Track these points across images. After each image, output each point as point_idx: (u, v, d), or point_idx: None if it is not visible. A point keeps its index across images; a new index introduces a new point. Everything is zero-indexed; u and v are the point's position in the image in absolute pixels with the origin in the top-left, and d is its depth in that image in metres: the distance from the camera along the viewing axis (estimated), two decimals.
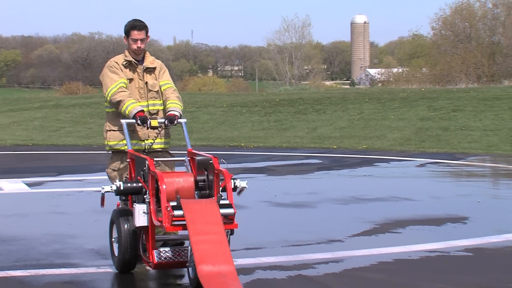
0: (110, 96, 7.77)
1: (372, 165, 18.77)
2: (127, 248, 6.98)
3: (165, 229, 6.51)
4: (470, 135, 24.52)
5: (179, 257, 6.71)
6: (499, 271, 7.93)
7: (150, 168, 6.76)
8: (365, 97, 32.95)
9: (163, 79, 8.12)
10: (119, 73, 7.88)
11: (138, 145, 7.83)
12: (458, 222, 10.83)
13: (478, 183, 15.97)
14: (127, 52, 8.03)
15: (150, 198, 6.72)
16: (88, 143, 26.00)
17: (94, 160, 20.27)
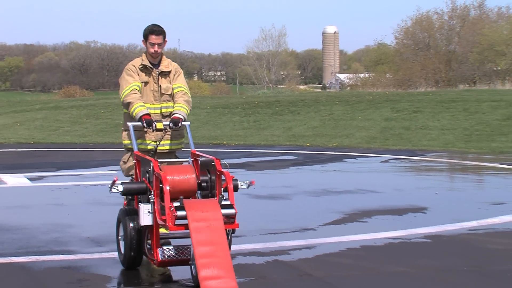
0: (123, 97, 7.63)
1: (342, 161, 18.81)
2: (133, 245, 6.76)
3: (169, 228, 6.27)
4: (429, 134, 24.61)
5: (182, 255, 6.46)
6: (455, 255, 7.97)
7: (154, 169, 6.53)
8: (335, 100, 32.99)
9: (177, 82, 7.86)
10: (134, 76, 7.67)
11: (151, 145, 7.67)
12: (418, 212, 10.88)
13: (436, 177, 16.05)
14: (144, 55, 7.81)
15: (154, 198, 6.50)
16: (84, 141, 25.93)
17: (90, 157, 20.24)
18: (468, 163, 18.23)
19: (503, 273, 7.23)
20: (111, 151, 21.97)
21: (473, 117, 26.62)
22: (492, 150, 20.87)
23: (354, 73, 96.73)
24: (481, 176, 16.14)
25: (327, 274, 7.06)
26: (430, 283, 6.91)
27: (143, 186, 6.79)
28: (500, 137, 23.18)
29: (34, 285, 6.82)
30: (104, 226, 9.65)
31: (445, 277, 7.10)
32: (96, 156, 20.58)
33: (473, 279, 7.05)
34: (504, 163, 17.69)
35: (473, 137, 23.49)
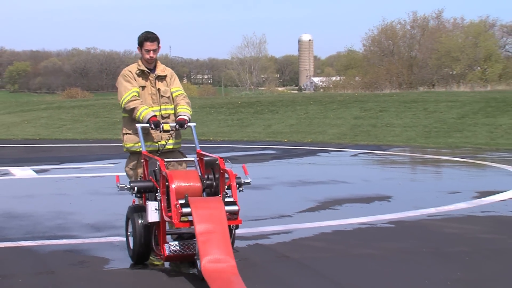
0: (124, 104, 7.17)
1: (316, 155, 18.84)
2: (141, 241, 6.43)
3: (174, 225, 6.02)
4: (393, 131, 24.69)
5: (188, 250, 6.17)
6: (415, 238, 8.01)
7: (161, 168, 6.27)
8: (310, 100, 33.03)
9: (174, 86, 7.43)
10: (132, 82, 7.22)
11: (153, 146, 7.21)
12: (383, 200, 10.91)
13: (399, 169, 16.10)
14: (140, 61, 7.34)
15: (161, 196, 6.23)
16: (85, 137, 25.87)
17: (90, 151, 20.18)
18: (428, 157, 18.31)
19: (457, 254, 7.27)
20: (109, 146, 21.94)
21: (432, 115, 26.72)
22: (448, 145, 20.98)
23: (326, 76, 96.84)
24: (439, 168, 16.21)
25: (302, 256, 7.07)
26: (393, 263, 6.94)
27: (150, 184, 6.52)
28: (455, 134, 23.30)
29: (39, 267, 6.79)
30: (102, 214, 9.65)
31: (406, 258, 7.13)
32: (95, 151, 20.53)
33: (431, 259, 7.09)
34: (459, 156, 17.78)
35: (432, 134, 23.60)
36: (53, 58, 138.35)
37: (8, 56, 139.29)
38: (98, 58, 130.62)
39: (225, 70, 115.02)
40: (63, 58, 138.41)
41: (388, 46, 67.80)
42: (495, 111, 26.05)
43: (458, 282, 6.26)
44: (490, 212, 9.68)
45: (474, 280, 6.36)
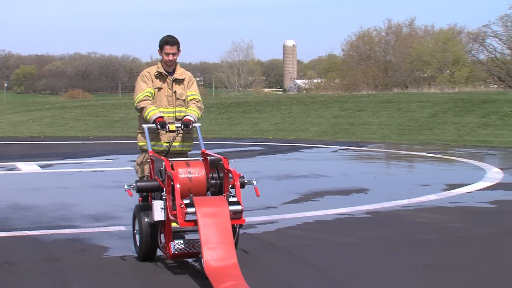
0: (136, 103, 6.97)
1: (299, 151, 18.86)
2: (148, 239, 6.13)
3: (179, 224, 5.69)
4: (370, 129, 24.75)
5: (193, 248, 5.90)
6: (390, 228, 8.04)
7: (166, 168, 5.96)
8: (293, 101, 33.05)
9: (191, 90, 7.15)
10: (148, 83, 6.98)
11: (162, 147, 6.97)
12: (361, 193, 10.94)
13: (376, 164, 16.15)
14: (159, 64, 7.09)
15: (166, 196, 5.95)
16: (86, 135, 25.79)
17: (90, 148, 20.12)
18: (401, 152, 18.37)
19: (428, 241, 7.31)
20: (108, 143, 21.88)
21: (405, 115, 26.80)
22: (420, 142, 21.05)
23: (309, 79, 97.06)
24: (412, 163, 16.27)
25: (287, 244, 7.08)
26: (370, 250, 6.96)
27: (156, 184, 6.21)
28: (426, 131, 23.38)
29: (44, 254, 6.78)
30: (102, 205, 9.63)
31: (382, 245, 7.16)
32: (95, 147, 20.47)
33: (404, 246, 7.12)
34: (430, 152, 17.85)
35: (405, 131, 23.66)
36: (56, 62, 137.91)
37: (15, 60, 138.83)
38: (98, 62, 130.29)
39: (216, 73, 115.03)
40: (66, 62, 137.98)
41: (365, 51, 67.97)
42: (462, 110, 26.15)
43: (429, 267, 6.29)
44: (458, 203, 9.72)
45: (443, 265, 6.39)
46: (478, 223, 8.35)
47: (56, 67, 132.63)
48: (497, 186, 11.36)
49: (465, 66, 61.43)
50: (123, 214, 8.94)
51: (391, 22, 68.90)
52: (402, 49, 63.77)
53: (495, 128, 22.78)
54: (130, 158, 16.64)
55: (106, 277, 5.96)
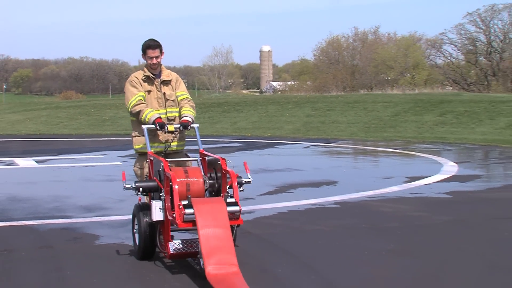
0: (130, 108, 6.51)
1: (274, 147, 18.87)
2: (146, 238, 5.75)
3: (178, 225, 5.32)
4: (339, 126, 24.83)
5: (191, 248, 5.52)
6: (356, 216, 8.07)
7: (164, 169, 5.59)
8: (269, 101, 33.06)
9: (180, 90, 6.74)
10: (138, 87, 6.54)
11: (160, 147, 6.55)
12: (330, 185, 10.97)
13: (344, 158, 16.21)
14: (145, 68, 6.67)
15: (165, 196, 5.57)
16: (79, 133, 25.60)
17: (83, 145, 19.97)
18: (367, 148, 18.45)
19: (391, 228, 7.34)
20: (99, 140, 21.75)
21: (371, 114, 26.92)
22: (384, 138, 21.15)
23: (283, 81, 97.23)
24: (376, 157, 16.34)
25: (263, 232, 7.09)
26: (338, 237, 6.98)
27: (154, 184, 5.79)
28: (390, 129, 23.50)
29: (40, 242, 6.73)
30: (93, 197, 9.57)
31: (349, 232, 7.18)
32: (87, 144, 20.33)
33: (370, 233, 7.15)
34: (393, 148, 17.94)
35: (371, 129, 23.77)
36: (51, 66, 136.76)
37: (13, 64, 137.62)
38: (90, 66, 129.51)
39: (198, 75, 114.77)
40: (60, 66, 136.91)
41: (334, 55, 68.27)
42: (422, 110, 26.32)
43: (391, 252, 6.33)
44: (418, 194, 9.78)
45: (404, 249, 6.43)
46: (436, 211, 8.41)
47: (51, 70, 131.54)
48: (452, 179, 11.45)
49: (424, 70, 61.99)
50: (113, 205, 8.91)
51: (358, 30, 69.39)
52: (367, 54, 64.11)
53: (451, 126, 22.96)
54: (120, 154, 16.56)
55: (97, 263, 5.93)
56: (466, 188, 10.42)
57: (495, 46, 59.56)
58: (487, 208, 8.72)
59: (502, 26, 59.42)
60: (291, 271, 5.67)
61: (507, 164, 14.36)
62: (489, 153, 16.68)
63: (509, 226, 7.55)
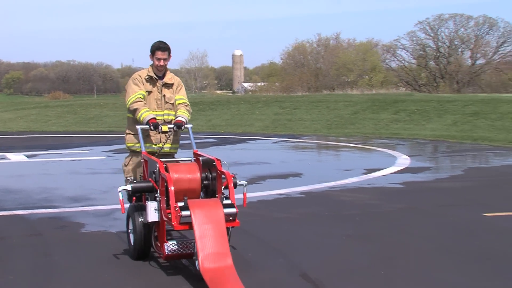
0: (129, 104, 6.08)
1: (245, 142, 18.85)
2: (141, 239, 5.30)
3: (174, 227, 4.92)
4: (304, 124, 24.88)
5: (187, 249, 5.09)
6: (320, 205, 8.10)
7: (160, 170, 5.15)
8: (241, 101, 33.00)
9: (179, 95, 6.32)
10: (140, 85, 6.12)
11: (151, 148, 6.13)
12: (296, 176, 10.99)
13: (309, 152, 16.25)
14: (150, 68, 6.24)
15: (160, 197, 5.15)
16: (66, 130, 25.26)
17: (70, 141, 19.72)
18: (329, 143, 18.53)
19: (351, 215, 7.40)
20: (85, 136, 21.52)
21: (333, 112, 27.02)
22: (345, 134, 21.26)
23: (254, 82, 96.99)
24: (338, 151, 16.42)
25: None
26: (304, 224, 7.01)
27: (150, 185, 5.34)
28: (350, 126, 23.62)
29: (30, 230, 6.66)
30: (80, 189, 9.47)
31: (313, 219, 7.22)
32: (74, 140, 20.07)
33: (332, 220, 7.19)
34: (352, 143, 18.05)
35: (333, 126, 23.86)
36: (41, 68, 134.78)
37: (5, 66, 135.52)
38: (76, 68, 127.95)
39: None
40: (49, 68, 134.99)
41: (300, 59, 68.30)
42: (378, 109, 26.51)
43: (351, 237, 6.38)
44: (375, 184, 9.85)
45: (362, 234, 6.49)
46: (390, 200, 8.49)
47: (40, 72, 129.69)
48: (405, 170, 11.56)
49: (380, 72, 62.43)
50: (97, 196, 8.83)
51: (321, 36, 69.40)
52: (330, 58, 64.33)
53: (404, 123, 23.16)
54: (104, 149, 16.40)
55: (83, 249, 5.89)
56: (417, 179, 10.53)
57: (443, 52, 60.27)
58: (435, 197, 8.82)
59: (449, 34, 60.19)
60: (261, 255, 5.68)
61: (453, 157, 14.55)
62: (437, 147, 16.88)
63: (454, 212, 7.66)
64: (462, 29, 59.95)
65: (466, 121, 21.75)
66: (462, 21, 59.76)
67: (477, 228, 6.82)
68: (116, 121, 27.14)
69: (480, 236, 6.46)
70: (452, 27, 59.99)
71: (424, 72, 61.24)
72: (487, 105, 23.92)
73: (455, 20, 59.81)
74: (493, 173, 11.41)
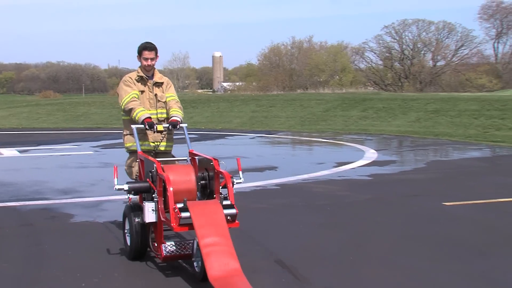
0: (124, 105, 5.74)
1: (224, 138, 18.82)
2: (138, 239, 4.92)
3: (173, 229, 4.49)
4: (279, 120, 24.91)
5: (185, 250, 4.72)
6: (294, 196, 8.12)
7: (158, 171, 4.74)
8: (220, 99, 32.95)
9: (169, 92, 6.01)
10: (132, 86, 5.81)
11: (149, 146, 5.85)
12: (272, 170, 11.00)
13: (283, 147, 16.28)
14: (139, 69, 5.92)
15: (158, 198, 4.74)
16: (56, 127, 24.98)
17: (59, 137, 19.50)
18: (303, 139, 18.58)
19: (322, 206, 7.43)
20: (73, 133, 21.30)
21: (306, 110, 27.10)
22: (317, 130, 21.33)
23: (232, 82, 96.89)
24: (311, 146, 16.48)
25: None
26: (279, 213, 7.04)
27: (147, 185, 4.92)
28: (322, 122, 23.70)
29: (22, 221, 6.59)
30: (69, 182, 9.38)
31: (288, 209, 7.24)
32: (64, 136, 19.85)
33: (304, 210, 7.22)
34: (324, 138, 18.12)
35: (306, 122, 23.93)
36: (32, 69, 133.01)
37: None
38: (65, 69, 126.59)
39: None
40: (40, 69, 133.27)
41: (275, 60, 68.37)
42: (348, 106, 26.65)
43: (322, 225, 6.41)
44: (344, 177, 9.90)
45: (332, 223, 6.53)
46: (359, 191, 8.54)
47: (31, 73, 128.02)
48: (373, 163, 11.64)
49: (350, 73, 62.78)
50: (85, 189, 8.76)
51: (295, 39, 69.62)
52: (303, 60, 64.48)
53: (372, 120, 23.32)
54: (91, 144, 16.26)
55: (72, 238, 5.85)
56: (384, 171, 10.61)
57: (407, 54, 60.83)
58: (400, 187, 8.91)
59: (412, 37, 60.83)
60: (238, 243, 5.67)
61: (416, 151, 14.70)
62: (402, 142, 17.03)
63: (417, 201, 7.75)
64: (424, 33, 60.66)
65: (428, 118, 21.97)
66: (424, 26, 60.46)
67: (438, 216, 6.91)
68: (103, 118, 26.92)
69: (440, 223, 6.54)
70: (415, 31, 60.64)
71: (390, 72, 61.74)
72: (447, 103, 24.19)
73: (418, 25, 60.47)
74: (452, 165, 11.56)
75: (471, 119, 20.80)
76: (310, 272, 4.82)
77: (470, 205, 7.48)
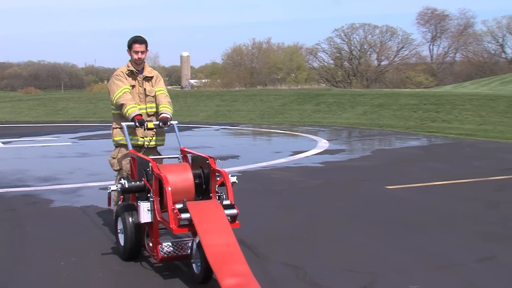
0: (115, 100, 5.20)
1: (191, 130, 18.70)
2: (132, 239, 4.34)
3: (173, 231, 3.93)
4: (241, 114, 24.88)
5: (182, 250, 4.21)
6: (254, 182, 8.13)
7: (153, 170, 4.19)
8: (188, 94, 32.69)
9: (158, 86, 5.48)
10: (123, 80, 5.29)
11: (139, 141, 5.38)
12: (235, 158, 10.98)
13: (245, 138, 16.28)
14: (129, 63, 5.41)
15: (154, 198, 4.17)
16: (37, 120, 24.39)
17: (40, 129, 19.05)
18: (262, 130, 18.61)
19: (279, 190, 7.48)
20: (53, 126, 20.85)
21: (265, 104, 27.13)
22: (275, 123, 21.38)
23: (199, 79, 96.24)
24: (270, 137, 16.51)
25: None
26: (241, 198, 6.96)
27: (142, 185, 4.38)
28: (279, 115, 23.78)
29: (5, 206, 6.44)
30: (49, 170, 9.20)
31: (249, 194, 7.25)
32: (44, 129, 19.38)
33: (263, 194, 7.25)
34: (282, 129, 18.19)
35: (265, 115, 23.96)
36: (15, 67, 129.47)
37: None
38: (46, 67, 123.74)
39: None
40: (22, 67, 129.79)
41: (238, 60, 68.21)
42: (303, 101, 26.80)
43: (279, 207, 6.46)
44: (300, 164, 9.96)
45: (288, 205, 6.58)
46: (312, 177, 8.61)
47: (14, 71, 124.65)
48: (325, 152, 11.74)
49: (304, 71, 63.15)
50: (64, 176, 8.60)
51: (255, 40, 69.52)
52: (263, 59, 64.52)
53: (324, 113, 23.51)
54: (70, 136, 15.94)
55: (52, 221, 5.75)
56: (334, 159, 10.72)
57: (355, 54, 61.63)
58: (349, 173, 9.02)
59: (359, 39, 61.71)
60: None
61: (363, 141, 14.90)
62: (351, 133, 17.23)
63: (364, 186, 7.87)
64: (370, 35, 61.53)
65: (374, 111, 22.29)
66: (369, 29, 61.33)
67: (381, 198, 7.04)
68: (81, 112, 26.42)
69: (383, 205, 6.67)
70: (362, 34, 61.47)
71: (340, 71, 62.41)
72: (390, 98, 24.59)
73: (364, 29, 61.31)
74: (394, 153, 11.76)
75: (410, 112, 21.21)
76: (268, 250, 4.85)
77: (409, 188, 7.65)
